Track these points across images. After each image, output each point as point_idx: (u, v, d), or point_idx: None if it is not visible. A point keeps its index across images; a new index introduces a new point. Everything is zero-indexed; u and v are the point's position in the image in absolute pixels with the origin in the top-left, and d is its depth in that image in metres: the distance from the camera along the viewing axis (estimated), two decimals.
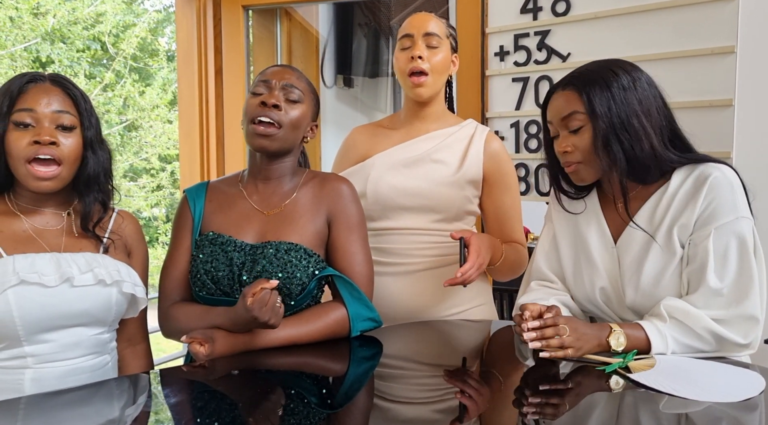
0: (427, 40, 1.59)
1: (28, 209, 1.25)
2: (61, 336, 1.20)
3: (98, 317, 1.24)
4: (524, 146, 2.57)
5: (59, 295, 1.17)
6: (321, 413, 0.99)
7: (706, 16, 2.10)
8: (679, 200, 1.22)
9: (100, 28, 9.18)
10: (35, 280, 1.15)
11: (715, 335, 1.15)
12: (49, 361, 1.19)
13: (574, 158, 1.27)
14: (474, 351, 1.37)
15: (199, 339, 1.20)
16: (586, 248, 1.34)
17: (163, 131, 9.52)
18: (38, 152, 1.18)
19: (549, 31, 2.47)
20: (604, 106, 1.22)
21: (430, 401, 1.06)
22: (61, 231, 1.26)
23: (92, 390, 1.09)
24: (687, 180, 1.22)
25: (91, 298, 1.21)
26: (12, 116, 1.19)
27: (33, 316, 1.16)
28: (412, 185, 1.59)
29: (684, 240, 1.22)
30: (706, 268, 1.17)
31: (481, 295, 1.68)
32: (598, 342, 1.16)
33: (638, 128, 1.21)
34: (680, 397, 0.98)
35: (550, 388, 1.07)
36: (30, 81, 1.22)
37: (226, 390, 1.10)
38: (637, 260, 1.26)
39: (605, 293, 1.31)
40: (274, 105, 1.31)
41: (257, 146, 1.34)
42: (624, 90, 1.23)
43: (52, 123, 1.20)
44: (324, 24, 3.85)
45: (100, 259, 1.25)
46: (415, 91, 1.61)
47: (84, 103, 1.26)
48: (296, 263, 1.28)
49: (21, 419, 0.95)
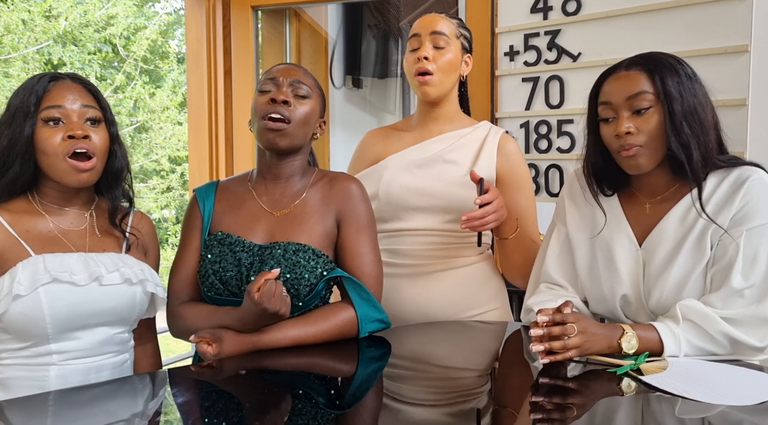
0: (433, 39, 1.58)
1: (52, 209, 1.28)
2: (87, 335, 1.22)
3: (123, 316, 1.27)
4: (534, 147, 2.55)
5: (89, 294, 1.20)
6: (329, 413, 0.98)
7: (720, 14, 2.07)
8: (716, 201, 1.20)
9: (111, 31, 9.24)
10: (67, 278, 1.17)
11: (730, 338, 1.13)
12: (74, 358, 1.21)
13: (636, 140, 1.21)
14: (485, 353, 1.36)
15: (207, 338, 1.20)
16: (606, 252, 1.31)
17: (173, 133, 9.57)
18: (75, 146, 1.21)
19: (559, 31, 2.46)
20: (676, 89, 1.18)
21: (439, 403, 1.05)
22: (84, 231, 1.29)
23: (116, 386, 1.12)
24: (723, 182, 1.20)
25: (117, 297, 1.24)
26: (41, 113, 1.21)
27: (63, 314, 1.18)
28: (424, 186, 1.58)
29: (714, 241, 1.20)
30: (733, 268, 1.16)
31: (496, 298, 1.67)
32: (609, 343, 1.14)
33: (704, 119, 1.19)
34: (694, 400, 0.96)
35: (560, 392, 1.05)
36: (51, 80, 1.25)
37: (234, 390, 1.10)
38: (665, 262, 1.23)
39: (625, 300, 1.29)
40: (283, 101, 1.31)
41: (268, 143, 1.33)
42: (690, 79, 1.20)
43: (80, 118, 1.23)
44: (333, 25, 3.85)
45: (125, 259, 1.29)
46: (422, 89, 1.60)
47: (104, 100, 1.30)
48: (304, 263, 1.28)
49: (50, 415, 0.97)
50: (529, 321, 1.36)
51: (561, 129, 2.48)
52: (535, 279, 1.44)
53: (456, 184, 1.58)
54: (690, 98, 1.19)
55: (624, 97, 1.21)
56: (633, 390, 1.03)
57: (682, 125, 1.18)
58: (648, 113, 1.20)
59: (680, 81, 1.19)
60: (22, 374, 1.19)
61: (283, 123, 1.31)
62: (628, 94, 1.21)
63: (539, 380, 1.10)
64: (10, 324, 1.16)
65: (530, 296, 1.41)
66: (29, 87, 1.23)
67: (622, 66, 1.24)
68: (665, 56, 1.23)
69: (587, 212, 1.36)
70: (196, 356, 1.39)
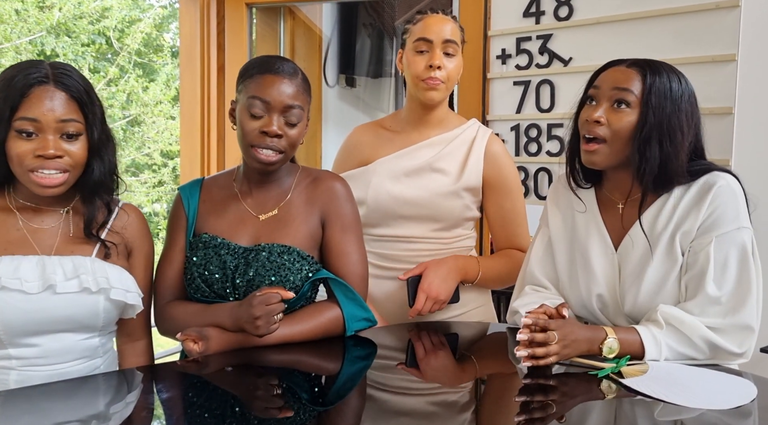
0: (445, 47, 1.56)
1: (26, 207, 1.23)
2: (46, 341, 1.18)
3: (85, 324, 1.21)
4: (524, 150, 2.57)
5: (41, 302, 1.15)
6: (312, 410, 0.99)
7: (708, 23, 2.09)
8: (683, 207, 1.21)
9: (106, 23, 9.17)
10: (16, 286, 1.13)
11: (711, 344, 1.15)
12: (34, 365, 1.18)
13: (601, 132, 1.22)
14: (467, 353, 1.38)
15: (193, 336, 1.20)
16: (584, 254, 1.33)
17: (166, 127, 9.52)
18: (42, 165, 1.14)
19: (551, 36, 2.47)
20: (660, 103, 1.20)
21: (423, 404, 1.07)
22: (56, 230, 1.23)
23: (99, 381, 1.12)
24: (691, 187, 1.22)
25: (75, 305, 1.18)
26: (14, 123, 1.13)
27: (14, 321, 1.14)
28: (411, 195, 1.59)
29: (685, 247, 1.21)
30: (705, 276, 1.17)
31: (479, 297, 1.69)
32: (589, 347, 1.15)
33: (678, 141, 1.20)
34: (672, 404, 0.98)
35: (541, 392, 1.07)
36: (33, 84, 1.14)
37: (220, 385, 1.11)
38: (639, 267, 1.25)
39: (602, 300, 1.31)
40: (276, 135, 1.27)
41: (258, 170, 1.32)
42: (680, 99, 1.21)
43: (56, 133, 1.14)
44: (327, 23, 3.85)
45: (89, 264, 1.21)
46: (428, 94, 1.57)
47: (89, 104, 1.19)
48: (290, 266, 1.28)
49: (27, 411, 0.96)
50: (514, 322, 1.37)
51: (551, 133, 2.50)
52: (521, 281, 1.46)
53: (443, 194, 1.59)
54: (671, 117, 1.20)
55: (611, 85, 1.23)
56: (613, 392, 1.05)
57: (650, 138, 1.19)
58: (624, 111, 1.21)
59: (670, 97, 1.20)
60: None
61: (275, 155, 1.28)
62: (616, 85, 1.22)
63: (521, 381, 1.11)
64: None
65: (516, 298, 1.42)
66: (6, 87, 1.14)
67: (626, 62, 1.26)
68: (668, 69, 1.23)
69: (569, 215, 1.38)
70: (182, 352, 1.40)
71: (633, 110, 1.21)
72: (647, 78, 1.21)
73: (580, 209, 1.35)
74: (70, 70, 1.19)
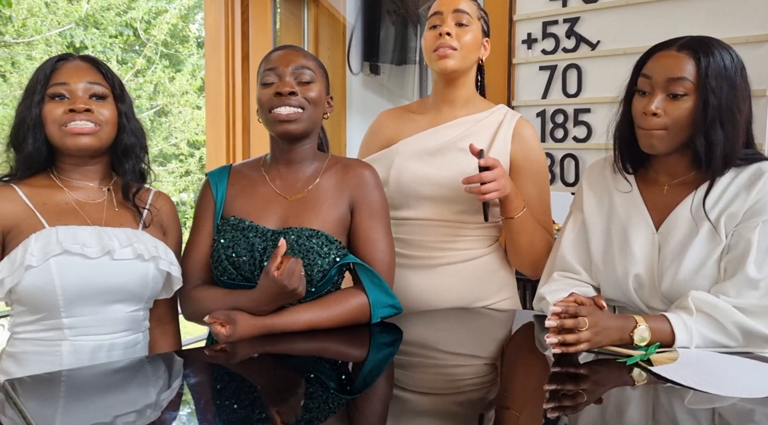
0: (456, 17, 1.53)
1: (71, 183, 1.30)
2: (99, 310, 1.24)
3: (135, 293, 1.27)
4: (550, 136, 2.54)
5: (100, 267, 1.21)
6: (340, 398, 1.00)
7: (741, 3, 2.04)
8: (733, 190, 1.21)
9: (133, 15, 9.27)
10: (78, 251, 1.19)
11: (744, 329, 1.13)
12: (85, 334, 1.23)
13: (660, 123, 1.20)
14: (495, 340, 1.37)
15: (221, 319, 1.21)
16: (623, 234, 1.31)
17: (192, 117, 9.61)
18: (73, 118, 1.23)
19: (578, 19, 2.43)
20: (718, 85, 1.17)
21: (450, 390, 1.06)
22: (102, 205, 1.30)
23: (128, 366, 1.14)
24: (742, 173, 1.21)
25: (129, 272, 1.24)
26: (47, 90, 1.25)
27: (74, 286, 1.19)
28: (435, 175, 1.56)
29: (729, 230, 1.20)
30: (747, 258, 1.16)
31: (505, 289, 1.65)
32: (620, 336, 1.13)
33: (737, 120, 1.18)
34: (704, 391, 0.96)
35: (571, 380, 1.06)
36: (60, 59, 1.29)
37: (246, 373, 1.12)
38: (680, 247, 1.23)
39: (638, 280, 1.29)
40: (290, 93, 1.30)
41: (282, 132, 1.32)
42: (736, 75, 1.18)
43: (85, 93, 1.26)
44: (351, 11, 3.83)
45: (140, 234, 1.29)
46: (440, 63, 1.53)
47: (114, 79, 1.31)
48: (318, 249, 1.29)
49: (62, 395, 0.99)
50: (541, 309, 1.36)
51: (578, 118, 2.47)
52: (550, 267, 1.44)
53: (468, 174, 1.55)
54: (730, 97, 1.17)
55: (665, 77, 1.20)
56: (643, 380, 1.03)
57: (714, 122, 1.17)
58: (682, 100, 1.19)
59: (726, 75, 1.17)
60: (35, 348, 1.22)
61: (295, 111, 1.30)
62: (670, 75, 1.19)
63: (549, 368, 1.11)
64: (22, 296, 1.19)
65: (544, 284, 1.41)
66: (39, 68, 1.27)
67: (675, 44, 1.22)
68: (718, 45, 1.20)
69: (605, 197, 1.37)
70: (209, 338, 1.41)
71: (690, 96, 1.18)
72: (701, 61, 1.17)
73: (625, 190, 1.33)
74: (94, 57, 1.34)
